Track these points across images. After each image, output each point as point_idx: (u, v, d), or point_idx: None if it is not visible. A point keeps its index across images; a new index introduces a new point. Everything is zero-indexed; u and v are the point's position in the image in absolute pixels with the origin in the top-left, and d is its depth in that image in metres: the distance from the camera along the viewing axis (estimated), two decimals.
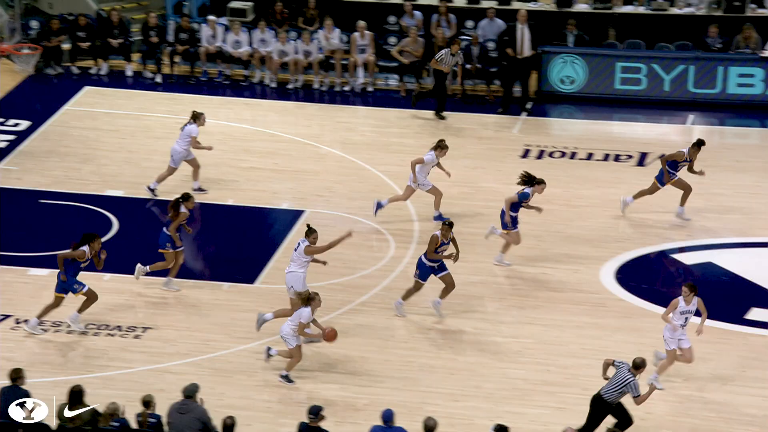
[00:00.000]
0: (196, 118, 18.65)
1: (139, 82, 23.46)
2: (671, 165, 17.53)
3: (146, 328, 15.47)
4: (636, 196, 17.82)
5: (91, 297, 15.23)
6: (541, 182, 16.43)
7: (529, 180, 16.42)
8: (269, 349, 14.58)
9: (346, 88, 23.23)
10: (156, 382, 14.23)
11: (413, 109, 21.76)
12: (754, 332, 15.12)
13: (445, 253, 15.31)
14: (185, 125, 18.70)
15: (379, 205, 18.03)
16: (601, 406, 12.83)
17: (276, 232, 18.28)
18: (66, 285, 15.14)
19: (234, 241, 17.78)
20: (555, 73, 22.47)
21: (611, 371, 13.00)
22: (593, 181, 19.30)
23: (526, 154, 20.52)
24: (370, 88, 23.21)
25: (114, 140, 20.99)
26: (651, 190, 17.74)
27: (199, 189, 18.80)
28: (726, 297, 16.10)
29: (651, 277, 16.66)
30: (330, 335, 14.21)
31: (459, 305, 15.76)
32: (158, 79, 23.48)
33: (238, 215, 18.62)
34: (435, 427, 12.21)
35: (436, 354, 14.98)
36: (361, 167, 20.07)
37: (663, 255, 17.17)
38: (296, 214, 18.48)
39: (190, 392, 12.62)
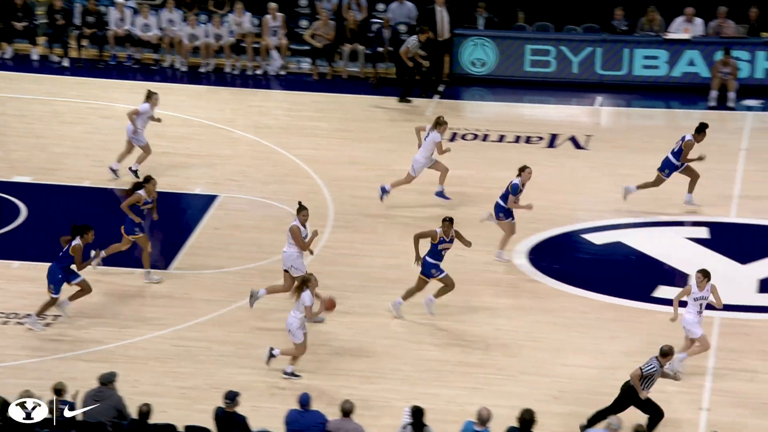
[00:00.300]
0: (149, 97, 18.48)
1: (45, 66, 23.05)
2: (677, 156, 17.45)
3: (57, 316, 15.24)
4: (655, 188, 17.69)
5: (52, 303, 14.94)
6: (524, 168, 16.34)
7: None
8: (272, 349, 14.14)
9: (259, 72, 23.12)
10: (68, 370, 14.03)
11: (403, 102, 21.62)
12: (662, 309, 15.42)
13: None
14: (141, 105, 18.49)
15: (441, 195, 17.65)
16: (630, 396, 12.75)
17: (189, 217, 18.14)
18: (61, 279, 14.87)
19: (147, 227, 17.58)
20: (466, 55, 22.64)
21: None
22: (505, 162, 19.48)
23: None
24: (282, 72, 23.14)
25: (22, 125, 20.60)
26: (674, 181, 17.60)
27: (114, 171, 18.59)
28: (634, 275, 16.43)
29: (562, 258, 16.91)
30: (330, 305, 14.06)
31: (377, 288, 15.83)
32: (65, 63, 23.09)
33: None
34: (352, 410, 12.26)
35: (352, 337, 15.02)
36: (274, 151, 20.01)
37: (573, 235, 17.43)
38: (210, 199, 18.36)
39: (107, 380, 12.50)
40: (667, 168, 17.56)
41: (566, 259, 16.91)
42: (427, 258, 14.99)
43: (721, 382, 14.00)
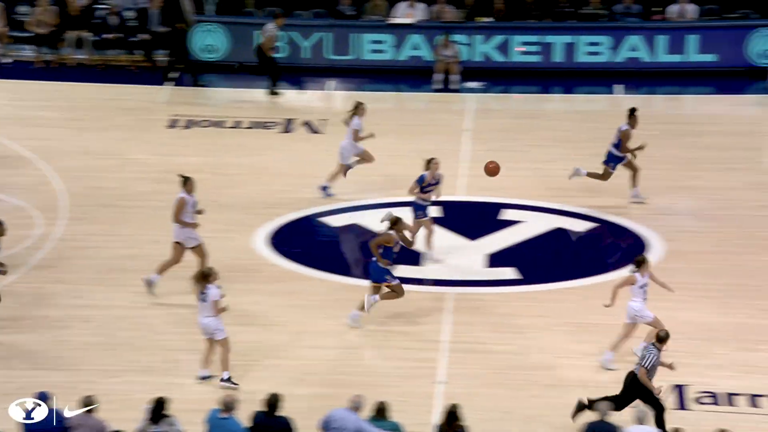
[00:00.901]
0: None
1: None
2: (618, 147, 17.32)
3: None
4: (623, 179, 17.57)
5: None
6: (431, 159, 16.15)
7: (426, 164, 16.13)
8: (226, 378, 13.61)
9: None
10: None
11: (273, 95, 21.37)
12: (407, 289, 15.63)
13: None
14: None
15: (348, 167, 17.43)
16: (635, 388, 12.59)
17: None
18: None
19: None
20: (198, 41, 22.50)
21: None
22: (242, 148, 19.57)
23: (173, 124, 20.47)
24: (4, 60, 22.28)
25: None
26: (633, 172, 17.46)
27: None
28: (371, 256, 16.82)
29: (302, 241, 17.15)
30: (492, 169, 15.07)
31: (116, 279, 15.55)
32: None
33: None
34: (93, 404, 12.03)
35: (92, 330, 14.71)
36: None
37: (312, 219, 17.71)
38: None
39: None
40: (611, 161, 17.52)
41: (305, 242, 17.15)
42: (379, 264, 14.64)
43: (456, 355, 14.56)
